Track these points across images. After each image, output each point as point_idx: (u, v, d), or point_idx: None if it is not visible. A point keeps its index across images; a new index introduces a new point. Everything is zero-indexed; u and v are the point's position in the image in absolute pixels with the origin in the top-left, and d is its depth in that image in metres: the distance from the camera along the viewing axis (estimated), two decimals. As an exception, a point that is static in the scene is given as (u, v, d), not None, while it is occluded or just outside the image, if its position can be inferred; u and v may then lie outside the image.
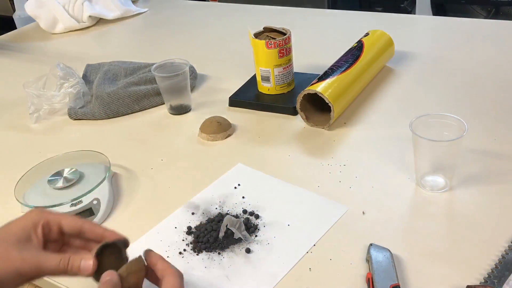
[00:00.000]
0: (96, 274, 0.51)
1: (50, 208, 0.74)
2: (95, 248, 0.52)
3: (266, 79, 1.01)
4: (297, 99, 0.91)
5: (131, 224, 0.75)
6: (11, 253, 0.49)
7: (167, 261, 0.53)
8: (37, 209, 0.55)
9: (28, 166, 0.87)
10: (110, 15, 1.63)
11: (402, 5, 2.54)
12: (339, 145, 0.87)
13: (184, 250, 0.69)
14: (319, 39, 1.33)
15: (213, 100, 1.08)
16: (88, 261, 0.51)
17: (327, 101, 0.88)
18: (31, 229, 0.52)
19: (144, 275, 0.52)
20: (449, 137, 0.70)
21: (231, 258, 0.66)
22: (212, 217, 0.73)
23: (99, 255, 0.52)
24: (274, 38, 0.98)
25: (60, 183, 0.80)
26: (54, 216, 0.54)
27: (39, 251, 0.51)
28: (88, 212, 0.75)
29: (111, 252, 0.53)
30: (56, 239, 0.55)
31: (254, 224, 0.71)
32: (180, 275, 0.51)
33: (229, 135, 0.94)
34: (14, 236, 0.51)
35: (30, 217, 0.53)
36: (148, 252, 0.54)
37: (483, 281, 0.59)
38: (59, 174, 0.82)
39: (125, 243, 0.55)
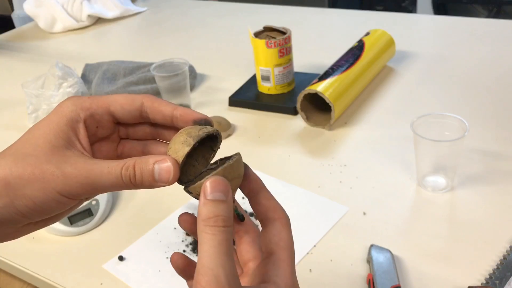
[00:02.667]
0: (183, 179, 0.36)
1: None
2: (176, 142, 0.35)
3: (266, 78, 1.01)
4: (298, 98, 0.91)
5: (130, 225, 0.75)
6: (46, 171, 0.33)
7: (274, 198, 0.38)
8: (71, 98, 0.37)
9: (27, 166, 0.86)
10: (109, 15, 1.63)
11: (403, 4, 2.54)
12: (339, 145, 0.87)
13: (184, 251, 0.68)
14: (319, 38, 1.32)
15: (213, 100, 1.07)
16: (164, 163, 0.34)
17: (327, 101, 0.87)
18: (69, 130, 0.35)
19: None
20: (450, 137, 0.70)
21: (230, 259, 0.66)
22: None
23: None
24: (274, 38, 0.97)
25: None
26: (99, 101, 0.37)
27: (87, 160, 0.35)
28: (87, 212, 0.75)
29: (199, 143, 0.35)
30: (109, 134, 0.39)
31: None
32: (290, 225, 0.38)
33: (229, 135, 0.93)
34: (46, 144, 0.34)
35: (63, 113, 0.36)
36: (246, 167, 0.37)
37: (484, 282, 0.58)
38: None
39: (208, 125, 0.37)
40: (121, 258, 0.68)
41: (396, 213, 0.70)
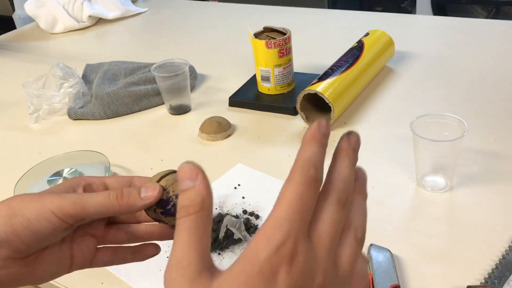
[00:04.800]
0: (156, 206, 0.40)
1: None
2: (154, 176, 0.41)
3: (266, 79, 1.01)
4: (297, 99, 0.91)
5: (130, 224, 0.75)
6: (45, 196, 0.39)
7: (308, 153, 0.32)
8: (75, 176, 0.45)
9: (28, 166, 0.87)
10: (110, 15, 1.63)
11: (403, 5, 2.54)
12: (339, 145, 0.87)
13: (184, 250, 0.68)
14: (319, 39, 1.33)
15: (213, 100, 1.08)
16: (150, 186, 0.39)
17: (327, 101, 0.88)
18: (70, 189, 0.42)
19: None
20: (450, 137, 0.70)
21: (231, 259, 0.66)
22: (212, 217, 0.72)
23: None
24: (274, 38, 0.98)
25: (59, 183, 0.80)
26: (97, 178, 0.44)
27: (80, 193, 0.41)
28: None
29: (173, 179, 0.41)
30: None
31: (254, 225, 0.71)
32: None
33: (229, 135, 0.94)
34: (49, 191, 0.41)
35: (67, 182, 0.43)
36: None
37: (483, 281, 0.59)
38: (58, 174, 0.82)
39: None
40: (121, 258, 0.69)
41: (395, 212, 0.71)
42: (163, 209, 0.40)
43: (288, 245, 0.26)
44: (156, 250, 0.45)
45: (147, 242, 0.45)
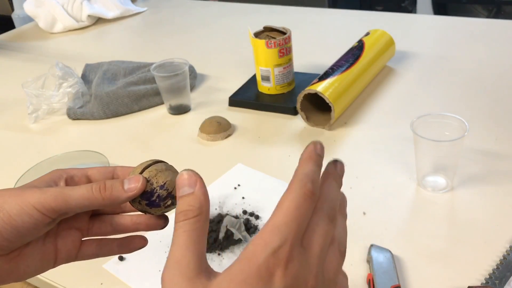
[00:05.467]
0: (141, 197, 0.40)
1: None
2: (137, 167, 0.41)
3: (266, 78, 1.01)
4: (298, 99, 0.91)
5: (130, 225, 0.75)
6: (26, 188, 0.39)
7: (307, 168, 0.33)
8: (57, 169, 0.43)
9: (27, 166, 0.86)
10: (109, 15, 1.63)
11: (403, 5, 2.54)
12: (339, 145, 0.87)
13: (184, 251, 0.68)
14: (319, 38, 1.32)
15: (213, 100, 1.07)
16: (133, 178, 0.39)
17: (327, 101, 0.87)
18: (51, 182, 0.41)
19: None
20: (450, 137, 0.70)
21: (231, 259, 0.66)
22: (212, 217, 0.72)
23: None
24: (274, 38, 0.97)
25: (59, 184, 0.80)
26: (79, 170, 0.43)
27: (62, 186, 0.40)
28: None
29: (156, 170, 0.41)
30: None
31: (254, 225, 0.71)
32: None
33: (229, 135, 0.93)
34: (31, 185, 0.40)
35: (48, 174, 0.42)
36: None
37: (484, 282, 0.58)
38: (58, 174, 0.82)
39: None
40: (121, 258, 0.68)
41: (396, 213, 0.70)
42: (148, 200, 0.40)
43: (284, 249, 0.28)
44: (143, 242, 0.45)
45: (134, 234, 0.45)
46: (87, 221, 0.43)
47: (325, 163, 0.33)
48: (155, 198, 0.40)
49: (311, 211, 0.31)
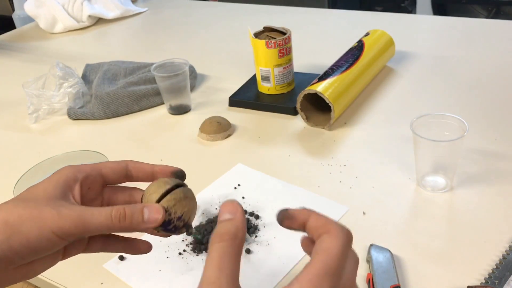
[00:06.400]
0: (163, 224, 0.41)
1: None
2: (153, 190, 0.41)
3: (266, 79, 1.01)
4: (297, 99, 0.91)
5: (130, 225, 0.75)
6: (43, 211, 0.38)
7: (324, 217, 0.36)
8: (69, 166, 0.43)
9: (28, 166, 0.86)
10: (110, 15, 1.63)
11: (403, 5, 2.54)
12: (339, 145, 0.87)
13: (184, 250, 0.68)
14: (319, 38, 1.32)
15: (213, 100, 1.07)
16: (153, 208, 0.40)
17: (327, 101, 0.87)
18: (66, 187, 0.41)
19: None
20: (450, 137, 0.70)
21: (231, 259, 0.66)
22: (212, 217, 0.72)
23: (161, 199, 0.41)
24: (274, 38, 0.97)
25: (59, 183, 0.80)
26: (92, 168, 0.43)
27: (80, 206, 0.40)
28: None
29: (175, 200, 0.41)
30: (96, 196, 0.45)
31: (254, 225, 0.71)
32: (341, 237, 0.35)
33: (229, 135, 0.94)
34: (45, 194, 0.40)
35: (62, 174, 0.41)
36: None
37: (483, 281, 0.58)
38: (58, 174, 0.82)
39: (182, 175, 0.45)
40: (121, 258, 0.69)
41: (396, 213, 0.70)
42: (164, 228, 0.41)
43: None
44: (148, 248, 0.46)
45: (140, 238, 0.46)
46: None
47: (325, 163, 0.33)
48: (172, 227, 0.41)
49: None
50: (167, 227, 0.41)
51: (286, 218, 0.37)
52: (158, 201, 0.41)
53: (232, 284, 0.32)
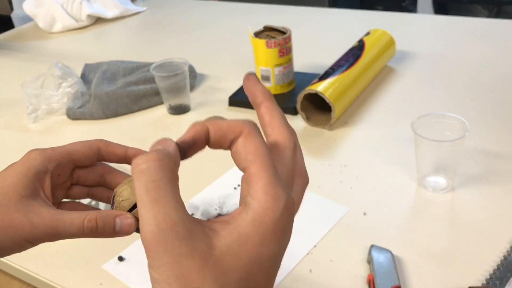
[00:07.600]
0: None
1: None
2: (125, 196, 0.38)
3: (266, 78, 1.01)
4: (298, 98, 0.91)
5: (129, 225, 0.74)
6: (14, 219, 0.37)
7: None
8: (37, 150, 0.41)
9: (26, 166, 0.86)
10: (109, 14, 1.63)
11: (404, 4, 2.54)
12: (340, 145, 0.87)
13: (183, 251, 0.68)
14: (319, 38, 1.32)
15: (212, 99, 1.07)
16: (125, 220, 0.37)
17: (327, 101, 0.87)
18: (36, 181, 0.39)
19: None
20: (451, 137, 0.69)
21: (230, 260, 0.65)
22: (212, 218, 0.72)
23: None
24: (274, 37, 0.97)
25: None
26: (62, 155, 0.41)
27: (51, 210, 0.38)
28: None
29: None
30: (65, 180, 0.42)
31: (254, 225, 0.70)
32: (256, 133, 0.33)
33: (228, 135, 0.93)
34: (15, 194, 0.38)
35: (31, 166, 0.39)
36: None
37: (485, 282, 0.58)
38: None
39: None
40: (120, 259, 0.68)
41: (397, 213, 0.70)
42: (138, 231, 0.39)
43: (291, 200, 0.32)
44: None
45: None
46: (71, 176, 0.43)
47: (325, 163, 0.33)
48: None
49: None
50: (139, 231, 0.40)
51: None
52: (131, 209, 0.38)
53: (187, 219, 0.27)
